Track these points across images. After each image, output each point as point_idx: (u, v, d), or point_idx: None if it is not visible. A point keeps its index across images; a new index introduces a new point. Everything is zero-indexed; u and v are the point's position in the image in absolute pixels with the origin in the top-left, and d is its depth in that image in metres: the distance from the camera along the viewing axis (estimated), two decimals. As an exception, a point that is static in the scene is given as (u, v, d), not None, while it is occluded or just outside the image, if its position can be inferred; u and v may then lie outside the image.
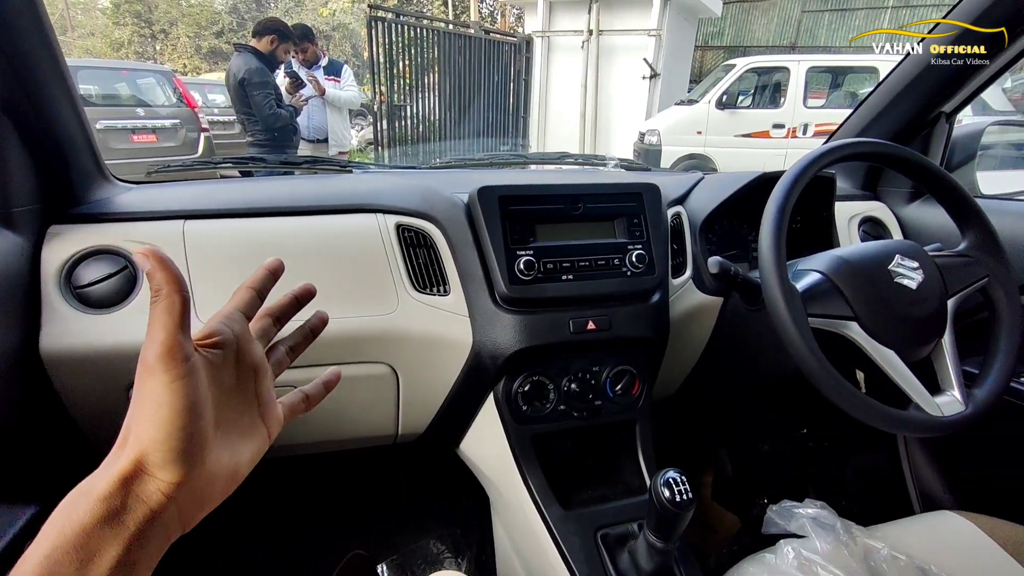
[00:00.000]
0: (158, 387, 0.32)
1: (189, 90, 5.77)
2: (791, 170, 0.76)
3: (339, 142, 3.56)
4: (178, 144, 5.35)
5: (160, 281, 0.33)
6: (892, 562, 0.78)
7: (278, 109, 2.98)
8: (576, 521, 0.80)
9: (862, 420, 0.70)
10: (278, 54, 3.06)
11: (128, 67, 6.13)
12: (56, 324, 0.73)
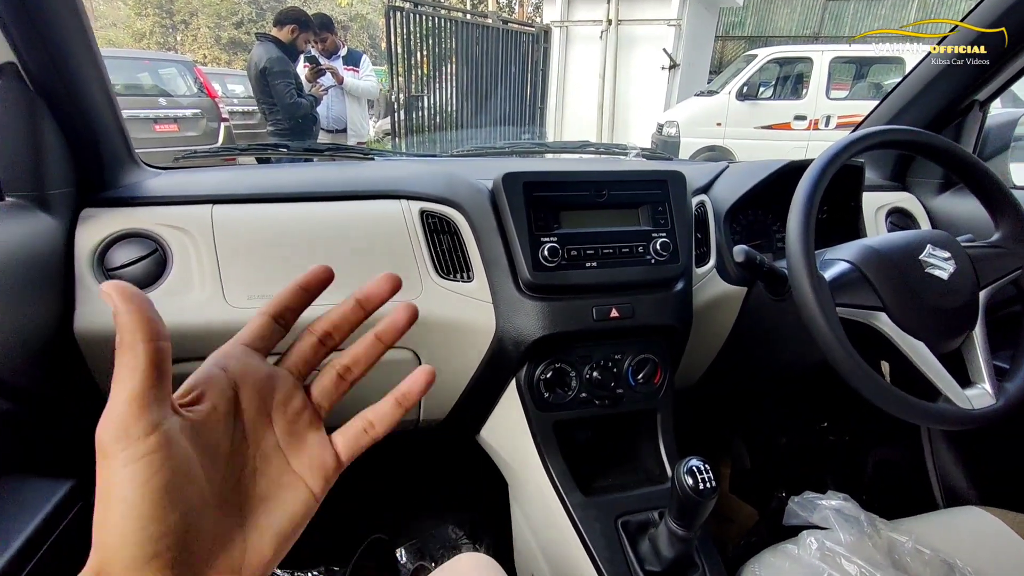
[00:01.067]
0: (115, 474, 0.24)
1: (210, 80, 5.84)
2: (820, 158, 0.75)
3: (358, 132, 3.57)
4: (199, 133, 5.41)
5: (126, 326, 0.25)
6: (916, 555, 0.77)
7: (298, 98, 3.00)
8: (596, 508, 0.80)
9: (891, 412, 0.69)
10: (298, 43, 3.08)
11: (150, 57, 6.20)
12: (89, 304, 0.75)
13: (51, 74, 0.71)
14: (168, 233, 0.80)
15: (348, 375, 0.35)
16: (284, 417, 0.31)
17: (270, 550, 0.29)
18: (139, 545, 0.24)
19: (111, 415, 0.25)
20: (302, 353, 0.33)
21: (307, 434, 0.32)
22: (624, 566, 0.74)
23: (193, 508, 0.26)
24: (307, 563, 1.24)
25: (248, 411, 0.30)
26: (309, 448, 0.31)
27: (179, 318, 0.77)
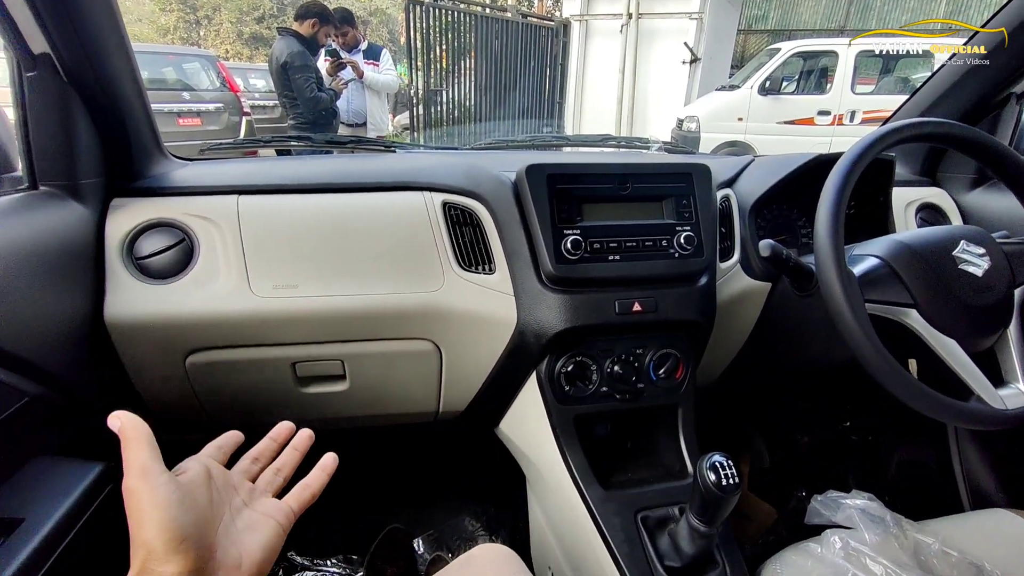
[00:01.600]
0: (144, 499, 0.38)
1: (232, 75, 5.91)
2: (851, 151, 0.73)
3: (377, 126, 3.59)
4: (221, 127, 5.48)
5: (128, 430, 0.41)
6: (943, 558, 0.75)
7: (319, 92, 3.02)
8: (616, 502, 0.79)
9: (921, 411, 0.67)
10: (319, 37, 3.09)
11: (175, 52, 6.29)
12: (119, 292, 0.76)
13: (84, 66, 0.72)
14: (195, 223, 0.81)
15: (280, 473, 0.53)
16: (243, 490, 0.48)
17: (259, 557, 0.43)
18: (173, 532, 0.37)
19: (133, 467, 0.39)
20: (243, 466, 0.52)
21: (261, 500, 0.48)
22: (644, 561, 0.74)
23: (202, 518, 0.41)
24: (327, 552, 1.26)
25: (217, 480, 0.46)
26: (266, 507, 0.47)
27: (206, 307, 0.78)
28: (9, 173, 0.80)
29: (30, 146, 0.73)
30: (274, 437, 0.56)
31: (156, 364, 0.81)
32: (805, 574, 0.73)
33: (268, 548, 0.44)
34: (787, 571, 0.74)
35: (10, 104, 0.73)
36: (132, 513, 0.38)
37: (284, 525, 0.47)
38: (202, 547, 0.39)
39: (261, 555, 0.43)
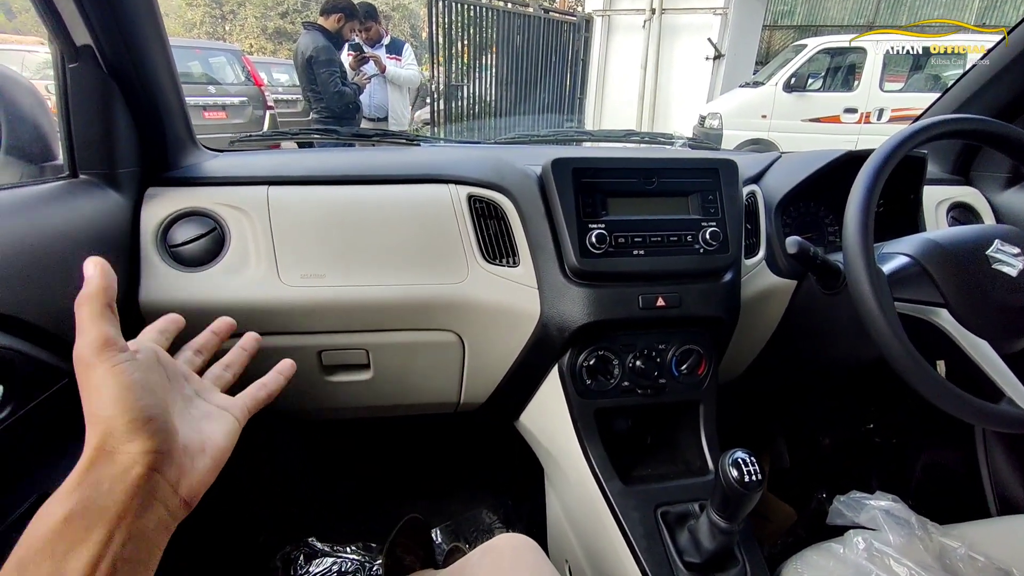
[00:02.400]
0: (101, 375, 0.35)
1: (256, 69, 5.99)
2: (883, 146, 0.72)
3: (399, 121, 3.61)
4: (245, 121, 5.57)
5: (96, 288, 0.36)
6: (969, 562, 0.74)
7: (343, 87, 3.05)
8: (636, 497, 0.80)
9: (950, 412, 0.66)
10: (344, 32, 3.13)
11: (201, 46, 6.39)
12: (154, 279, 0.78)
13: (124, 58, 0.74)
14: (226, 212, 0.83)
15: (228, 369, 0.51)
16: (189, 383, 0.45)
17: (214, 445, 0.41)
18: (135, 412, 0.35)
19: (88, 342, 0.35)
20: (186, 356, 0.49)
21: (213, 393, 0.46)
22: (663, 556, 0.74)
23: (164, 401, 0.39)
24: (346, 539, 1.28)
25: (166, 367, 0.43)
26: (219, 399, 0.45)
27: (235, 295, 0.80)
28: (51, 162, 0.83)
29: (71, 135, 0.75)
30: (215, 331, 0.53)
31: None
32: (827, 574, 0.72)
33: (228, 437, 0.42)
34: (808, 571, 0.74)
35: (52, 95, 0.76)
36: (89, 389, 0.35)
37: (240, 420, 0.45)
38: (167, 428, 0.37)
39: (224, 442, 0.42)
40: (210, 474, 0.40)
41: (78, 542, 0.32)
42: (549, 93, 7.11)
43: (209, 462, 0.40)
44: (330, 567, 1.22)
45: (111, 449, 0.34)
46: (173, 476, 0.37)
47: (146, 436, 0.35)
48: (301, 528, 1.30)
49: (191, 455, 0.39)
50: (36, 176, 0.83)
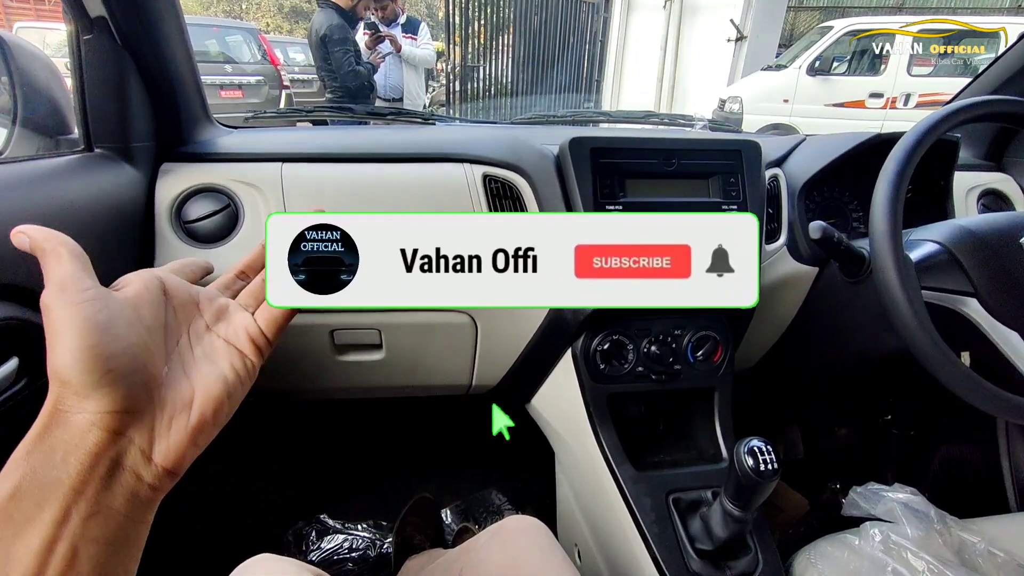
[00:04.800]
0: (58, 318, 0.29)
1: (272, 48, 5.97)
2: (915, 129, 0.69)
3: (414, 101, 3.58)
4: (261, 100, 5.58)
5: (41, 241, 0.31)
6: (989, 557, 0.73)
7: (357, 66, 3.03)
8: (648, 482, 0.79)
9: (975, 405, 0.64)
10: (359, 10, 3.09)
11: (218, 24, 6.39)
12: (168, 255, 0.78)
13: (138, 31, 0.73)
14: (240, 189, 0.82)
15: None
16: (211, 307, 0.39)
17: (216, 393, 0.34)
18: (93, 361, 0.28)
19: (50, 286, 0.30)
20: (224, 279, 0.44)
21: (233, 315, 0.39)
22: (674, 542, 0.73)
23: (138, 347, 0.31)
24: (357, 517, 1.30)
25: (176, 297, 0.37)
26: (234, 322, 0.39)
27: None
28: (66, 135, 0.83)
29: (86, 109, 0.75)
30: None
31: None
32: (841, 565, 0.71)
33: (223, 383, 0.35)
34: (822, 561, 0.73)
35: (68, 70, 0.75)
36: (48, 338, 0.29)
37: (254, 359, 0.38)
38: (136, 382, 0.30)
39: (219, 390, 0.34)
40: (195, 434, 0.32)
41: (27, 522, 0.27)
42: (566, 75, 7.02)
43: (193, 419, 0.32)
44: (341, 544, 1.24)
45: (65, 409, 0.28)
46: (144, 439, 0.30)
47: (106, 391, 0.29)
48: (313, 505, 1.32)
49: (174, 411, 0.32)
50: (52, 149, 0.82)
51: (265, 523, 1.29)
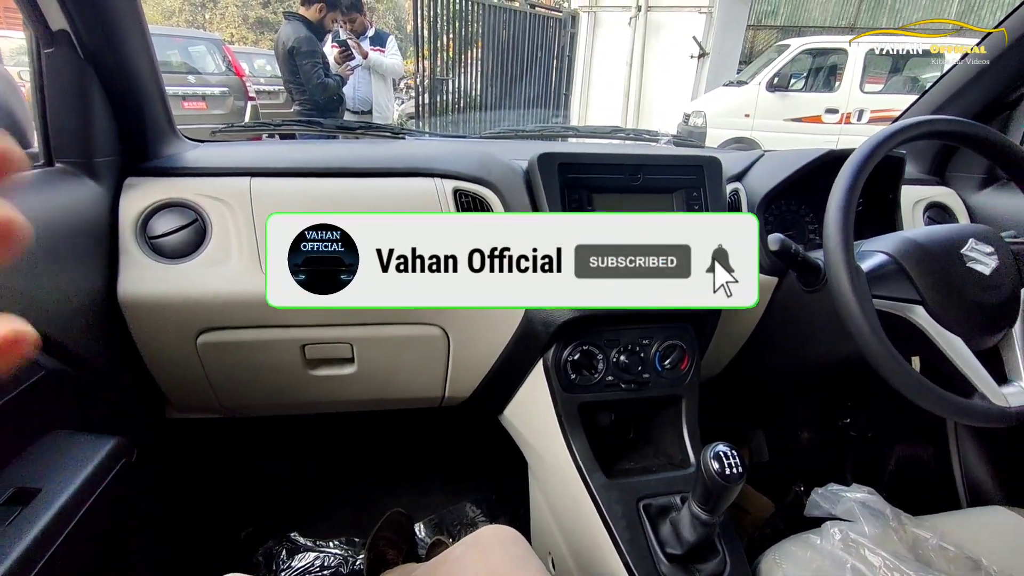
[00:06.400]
0: None
1: (237, 59, 5.89)
2: (863, 147, 0.74)
3: (383, 114, 3.58)
4: (226, 112, 5.48)
5: None
6: (941, 552, 0.76)
7: (326, 79, 3.01)
8: (619, 490, 0.80)
9: (924, 407, 0.68)
10: (326, 23, 3.08)
11: (181, 34, 6.26)
12: (133, 271, 0.77)
13: (102, 44, 0.72)
14: (208, 204, 0.81)
15: None
16: None
17: None
18: None
19: None
20: None
21: None
22: (645, 547, 0.75)
23: None
24: (329, 534, 1.28)
25: None
26: None
27: (217, 287, 0.79)
28: (26, 150, 0.81)
29: (47, 123, 0.74)
30: None
31: (168, 342, 0.81)
32: (804, 564, 0.74)
33: None
34: (786, 561, 0.75)
35: (28, 82, 0.74)
36: None
37: None
38: None
39: None
40: None
41: None
42: (535, 89, 7.10)
43: None
44: (312, 562, 1.21)
45: None
46: None
47: None
48: (284, 523, 1.29)
49: None
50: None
51: (235, 542, 1.26)
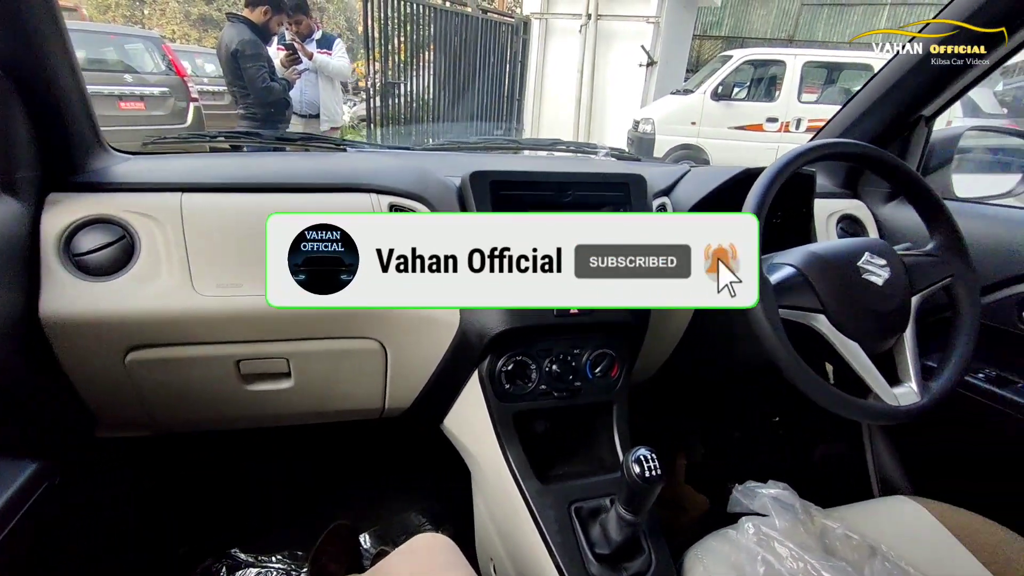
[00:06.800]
0: None
1: (179, 57, 5.68)
2: (771, 167, 0.80)
3: (331, 117, 3.53)
4: (167, 113, 5.27)
5: None
6: (845, 540, 0.83)
7: (271, 82, 2.96)
8: (552, 495, 0.84)
9: (824, 407, 0.74)
10: (271, 26, 3.02)
11: (116, 31, 5.96)
12: (55, 289, 0.75)
13: (19, 54, 0.70)
14: (136, 220, 0.80)
15: None
16: None
17: None
18: None
19: None
20: None
21: None
22: (575, 549, 0.78)
23: None
24: (271, 549, 1.26)
25: None
26: None
27: (146, 305, 0.78)
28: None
29: (-41, 138, 0.71)
30: None
31: (95, 361, 0.80)
32: (723, 558, 0.79)
33: None
34: (707, 556, 0.80)
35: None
36: None
37: None
38: None
39: None
40: None
41: None
42: (488, 93, 7.15)
43: None
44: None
45: None
46: None
47: None
48: (224, 540, 1.27)
49: None
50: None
51: (172, 563, 1.23)
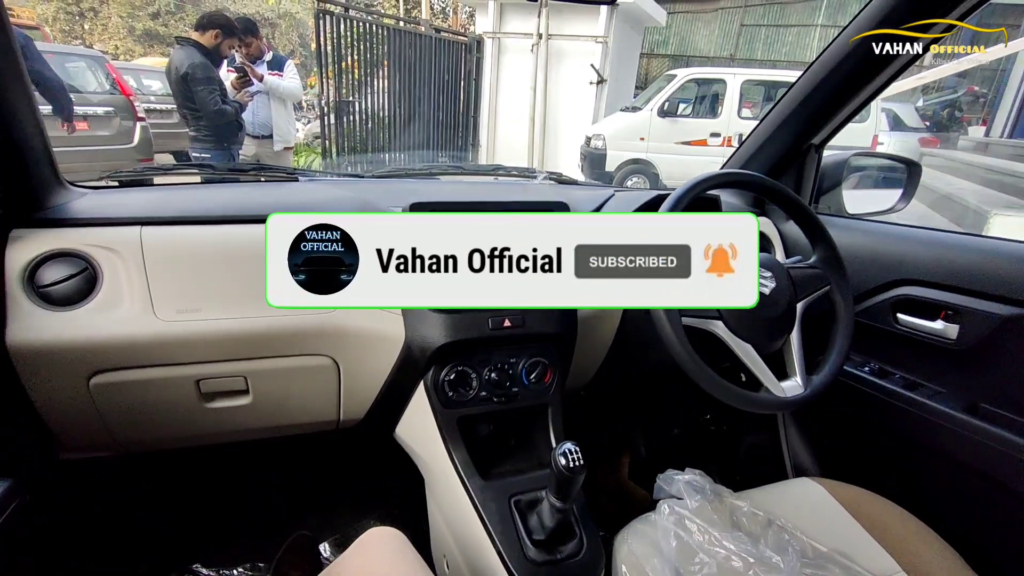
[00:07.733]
0: None
1: (124, 76, 5.56)
2: (675, 193, 0.92)
3: (284, 137, 3.56)
4: (112, 133, 5.15)
5: None
6: (752, 517, 0.95)
7: (223, 105, 2.97)
8: (494, 490, 0.93)
9: (722, 400, 0.86)
10: (222, 49, 3.04)
11: (55, 50, 5.78)
12: (20, 320, 0.80)
13: None
14: (98, 253, 0.86)
15: None
16: None
17: None
18: None
19: None
20: None
21: None
22: (515, 537, 0.87)
23: None
24: (232, 561, 1.30)
25: None
26: None
27: (110, 331, 0.84)
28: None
29: (-76, 179, 0.75)
30: None
31: (59, 386, 0.85)
32: (645, 537, 0.90)
33: None
34: (632, 537, 0.91)
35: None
36: None
37: None
38: None
39: None
40: None
41: None
42: (443, 110, 7.25)
43: None
44: (215, 591, 1.24)
45: None
46: None
47: None
48: (186, 555, 1.30)
49: None
50: None
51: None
